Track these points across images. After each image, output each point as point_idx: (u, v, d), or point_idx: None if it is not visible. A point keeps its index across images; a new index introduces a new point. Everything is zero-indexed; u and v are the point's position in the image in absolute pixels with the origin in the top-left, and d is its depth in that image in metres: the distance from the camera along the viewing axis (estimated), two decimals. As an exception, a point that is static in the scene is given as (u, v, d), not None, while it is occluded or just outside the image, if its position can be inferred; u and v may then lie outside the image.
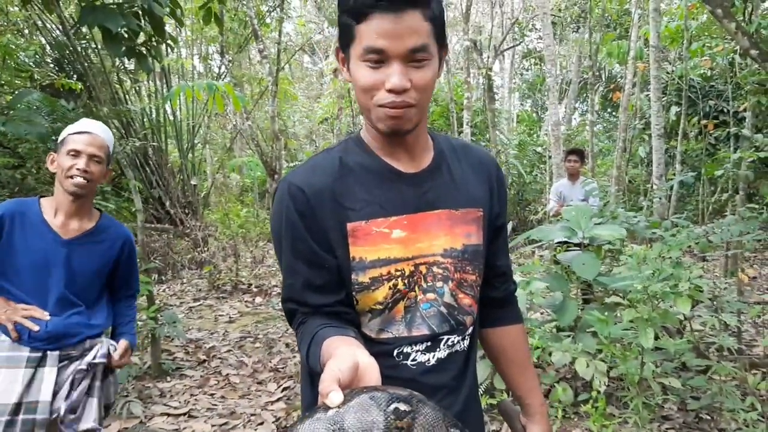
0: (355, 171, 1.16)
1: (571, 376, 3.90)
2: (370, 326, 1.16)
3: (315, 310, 1.12)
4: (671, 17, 11.80)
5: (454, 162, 1.25)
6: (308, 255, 1.12)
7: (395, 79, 1.03)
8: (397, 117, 1.07)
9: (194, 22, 11.47)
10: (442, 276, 1.18)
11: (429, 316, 1.17)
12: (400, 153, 1.18)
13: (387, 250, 1.13)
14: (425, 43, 1.05)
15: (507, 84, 21.59)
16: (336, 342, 0.93)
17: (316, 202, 1.11)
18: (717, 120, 9.75)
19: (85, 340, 2.18)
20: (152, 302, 4.64)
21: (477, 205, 1.24)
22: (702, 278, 2.93)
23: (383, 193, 1.15)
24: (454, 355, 1.22)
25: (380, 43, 1.03)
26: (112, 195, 9.97)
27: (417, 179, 1.18)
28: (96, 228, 2.22)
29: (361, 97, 1.10)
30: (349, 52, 1.10)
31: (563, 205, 5.58)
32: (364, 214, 1.13)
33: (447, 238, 1.18)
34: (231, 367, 4.87)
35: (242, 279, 8.11)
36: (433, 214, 1.17)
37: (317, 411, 0.69)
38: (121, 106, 9.86)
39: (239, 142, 16.58)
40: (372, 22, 1.03)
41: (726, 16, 4.22)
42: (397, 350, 1.16)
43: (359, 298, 1.14)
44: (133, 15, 4.34)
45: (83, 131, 2.13)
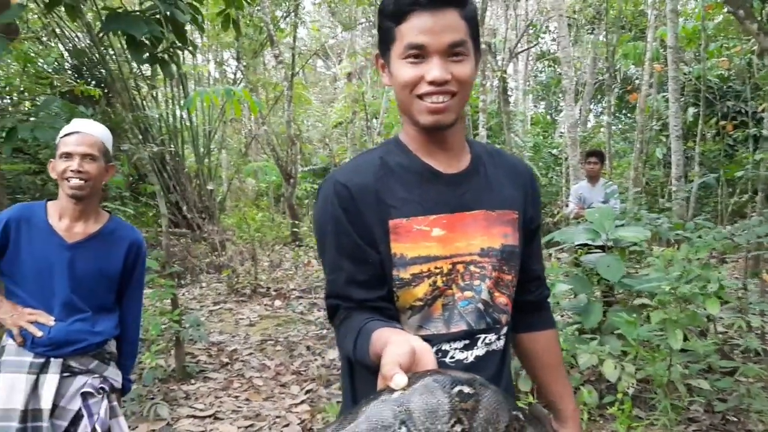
0: (396, 171, 1.19)
1: (596, 378, 3.89)
2: (409, 323, 1.18)
3: (358, 305, 1.14)
4: (688, 18, 11.74)
5: (490, 166, 1.28)
6: (352, 250, 1.15)
7: (436, 71, 1.09)
8: (438, 111, 1.12)
9: (210, 28, 11.57)
10: (479, 275, 1.20)
11: (467, 312, 1.19)
12: (438, 154, 1.21)
13: (427, 248, 1.16)
14: (463, 39, 1.11)
15: (521, 86, 21.55)
16: (387, 331, 0.95)
17: (360, 198, 1.15)
18: (735, 121, 9.69)
19: (87, 349, 2.12)
20: (176, 305, 4.69)
21: (512, 208, 1.26)
22: (728, 280, 2.92)
23: (423, 192, 1.18)
24: (491, 354, 1.23)
25: (420, 39, 1.08)
26: (131, 200, 10.08)
27: (455, 180, 1.21)
28: (101, 231, 2.17)
29: (401, 94, 1.15)
30: (389, 55, 1.15)
31: (583, 207, 5.56)
32: (405, 211, 1.16)
33: (484, 238, 1.21)
34: (254, 369, 4.90)
35: (261, 283, 8.15)
36: (471, 215, 1.20)
37: (382, 394, 0.70)
38: (139, 112, 9.96)
39: (254, 147, 16.67)
40: (412, 21, 1.09)
41: (748, 16, 4.21)
42: (436, 347, 1.17)
43: (400, 294, 1.16)
44: (155, 22, 4.40)
45: (73, 132, 2.09)
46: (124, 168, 10.60)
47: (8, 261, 2.09)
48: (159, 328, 4.44)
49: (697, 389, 3.30)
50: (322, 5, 18.14)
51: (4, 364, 2.09)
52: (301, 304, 7.17)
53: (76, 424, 2.11)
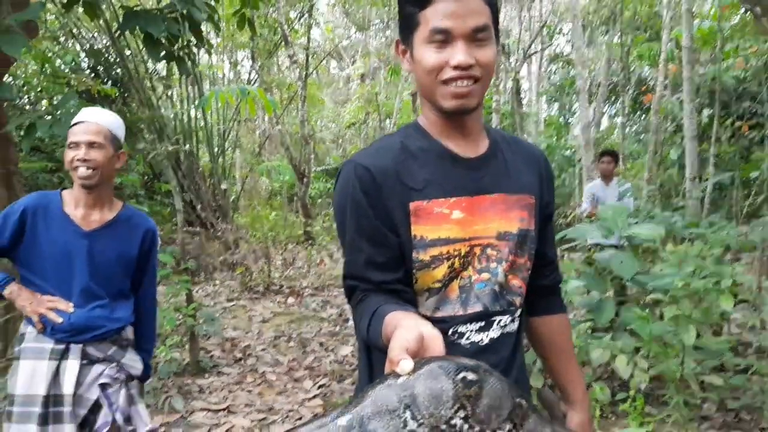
0: (417, 154, 1.20)
1: (608, 375, 3.89)
2: (426, 305, 1.20)
3: (375, 287, 1.16)
4: (703, 19, 11.66)
5: (508, 152, 1.30)
6: (371, 232, 1.16)
7: (461, 56, 1.09)
8: (462, 95, 1.13)
9: (225, 28, 11.65)
10: (496, 257, 1.21)
11: (483, 295, 1.21)
12: (458, 138, 1.23)
13: (447, 230, 1.17)
14: (487, 23, 1.12)
15: (534, 87, 21.49)
16: (399, 315, 0.96)
17: (381, 180, 1.16)
18: (751, 121, 9.62)
19: (106, 335, 2.15)
20: (191, 300, 4.73)
21: (530, 192, 1.28)
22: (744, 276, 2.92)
23: (443, 175, 1.19)
24: (506, 336, 1.25)
25: (446, 23, 1.09)
26: (146, 198, 10.18)
27: (475, 164, 1.23)
28: (117, 218, 2.19)
29: (425, 79, 1.15)
30: (412, 40, 1.16)
31: (597, 206, 5.56)
32: (426, 194, 1.17)
33: (502, 222, 1.22)
34: (267, 365, 4.94)
35: (274, 280, 8.20)
36: (489, 198, 1.22)
37: (388, 378, 0.71)
38: (154, 111, 10.04)
39: (268, 147, 16.74)
40: (437, 5, 1.10)
41: (765, 14, 4.19)
42: (452, 329, 1.20)
43: (419, 276, 1.18)
44: (173, 20, 4.45)
45: (79, 121, 2.12)
46: (139, 167, 10.73)
47: (25, 249, 2.12)
48: (174, 322, 4.49)
49: (710, 386, 3.30)
50: (336, 6, 18.22)
51: (25, 351, 2.12)
52: (314, 302, 7.21)
53: (96, 413, 2.15)
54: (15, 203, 2.18)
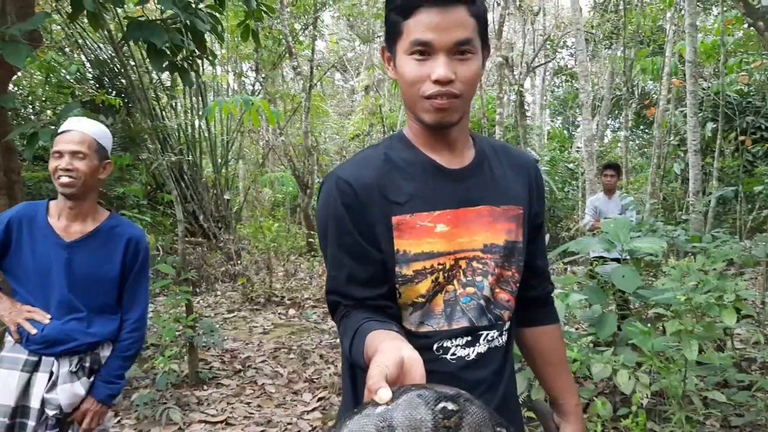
0: (400, 166, 1.18)
1: (610, 390, 3.85)
2: (411, 320, 1.18)
3: (358, 303, 1.14)
4: (707, 33, 11.68)
5: (495, 161, 1.28)
6: (353, 248, 1.14)
7: (441, 70, 1.07)
8: (442, 109, 1.11)
9: (229, 40, 11.71)
10: (482, 271, 1.19)
11: (469, 309, 1.19)
12: (443, 149, 1.21)
13: (430, 244, 1.15)
14: (470, 37, 1.09)
15: (538, 100, 21.54)
16: (380, 335, 0.94)
17: (363, 195, 1.14)
18: (755, 136, 9.60)
19: (78, 348, 2.10)
20: (191, 312, 4.71)
21: (517, 203, 1.26)
22: (747, 291, 2.89)
23: (427, 187, 1.17)
24: (493, 350, 1.23)
25: (427, 36, 1.07)
26: (149, 208, 10.19)
27: (460, 175, 1.21)
28: (99, 229, 2.15)
29: (407, 91, 1.14)
30: (395, 49, 1.14)
31: (599, 219, 5.54)
32: (409, 207, 1.15)
33: (488, 234, 1.20)
34: (266, 377, 4.91)
35: (275, 292, 8.17)
36: (475, 210, 1.20)
37: (366, 407, 0.70)
38: (158, 121, 10.08)
39: (271, 158, 16.77)
40: (420, 16, 1.08)
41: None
42: (437, 344, 1.18)
43: (402, 291, 1.16)
44: (176, 31, 4.46)
45: (63, 131, 2.09)
46: (142, 177, 10.74)
47: (11, 259, 2.11)
48: (173, 333, 4.47)
49: (714, 403, 3.26)
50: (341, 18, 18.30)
51: (2, 360, 2.12)
52: (315, 313, 7.18)
53: None
54: (3, 213, 2.17)
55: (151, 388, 4.33)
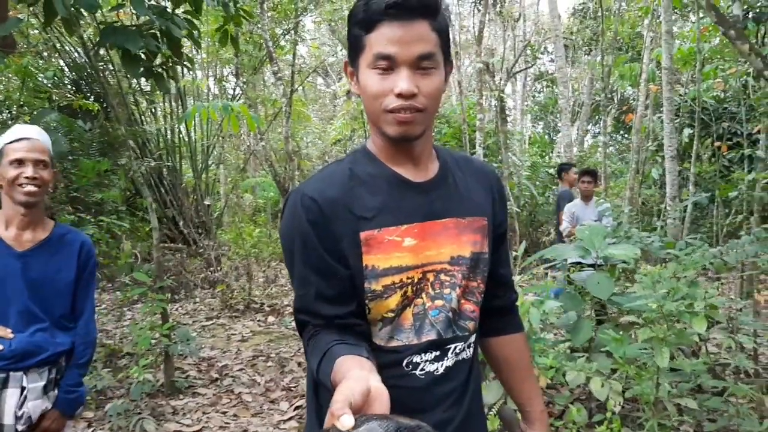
0: (366, 181, 1.18)
1: (586, 397, 3.86)
2: (380, 335, 1.17)
3: (327, 322, 1.13)
4: (683, 40, 11.83)
5: (458, 173, 1.28)
6: (320, 265, 1.13)
7: (403, 83, 1.07)
8: (406, 122, 1.10)
9: (210, 44, 11.64)
10: (449, 283, 1.20)
11: (437, 322, 1.19)
12: (407, 162, 1.21)
13: (399, 258, 1.15)
14: (432, 51, 1.10)
15: (519, 106, 21.66)
16: (349, 362, 0.94)
17: (328, 211, 1.13)
18: (730, 142, 9.72)
19: (48, 359, 2.08)
20: (166, 320, 4.67)
21: (482, 214, 1.27)
22: (718, 298, 2.91)
23: (394, 201, 1.17)
24: (460, 363, 1.24)
25: (389, 50, 1.07)
26: (127, 214, 10.08)
27: (425, 188, 1.21)
28: (51, 236, 2.13)
29: (370, 105, 1.13)
30: (358, 63, 1.14)
31: (576, 225, 5.57)
32: (376, 222, 1.14)
33: (454, 246, 1.20)
34: (243, 385, 4.87)
35: (255, 298, 8.12)
36: (441, 223, 1.20)
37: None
38: (137, 126, 9.99)
39: (252, 163, 16.70)
40: (382, 30, 1.08)
41: (739, 37, 4.23)
42: (407, 359, 1.18)
43: (372, 307, 1.15)
44: (151, 36, 4.43)
45: (21, 138, 2.05)
46: (121, 182, 10.63)
47: None
48: (148, 342, 4.42)
49: (687, 409, 3.28)
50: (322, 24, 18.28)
51: None
52: (294, 321, 7.14)
53: None
54: None
55: (125, 398, 4.28)
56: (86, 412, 4.06)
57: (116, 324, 6.47)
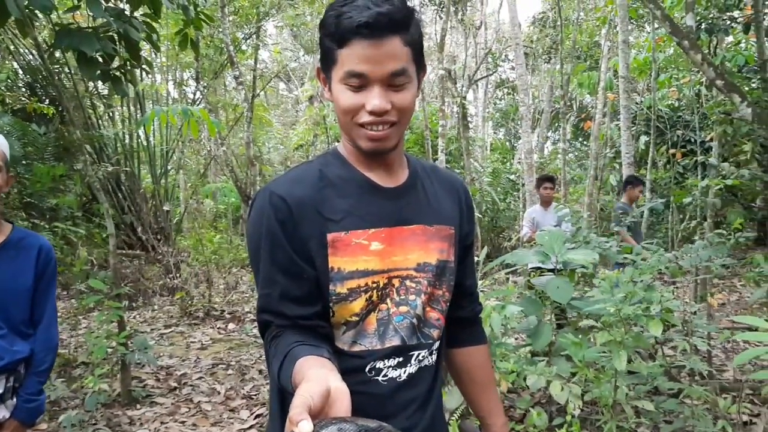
0: (336, 183, 1.17)
1: (546, 400, 3.90)
2: (343, 339, 1.16)
3: (291, 323, 1.11)
4: (639, 49, 12.12)
5: (427, 181, 1.28)
6: (287, 265, 1.12)
7: (376, 101, 1.07)
8: (378, 138, 1.11)
9: (170, 48, 11.48)
10: (415, 289, 1.19)
11: (401, 328, 1.18)
12: (378, 168, 1.21)
13: (365, 262, 1.14)
14: (404, 67, 1.09)
15: (481, 113, 21.89)
16: (310, 362, 0.92)
17: (297, 211, 1.11)
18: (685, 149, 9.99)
19: (6, 367, 2.02)
20: (123, 328, 4.56)
21: (449, 223, 1.27)
22: (672, 302, 2.97)
23: (363, 205, 1.16)
24: (423, 370, 1.23)
25: (361, 68, 1.06)
26: (83, 220, 9.84)
27: (395, 194, 1.20)
28: (8, 241, 2.06)
29: (342, 118, 1.13)
30: (330, 75, 1.13)
31: (536, 231, 5.64)
32: (344, 225, 1.14)
33: (421, 253, 1.20)
34: (203, 394, 4.78)
35: (215, 305, 8.01)
36: (409, 229, 1.20)
37: None
38: (94, 131, 9.78)
39: (213, 168, 16.50)
40: (353, 48, 1.06)
41: (692, 47, 4.35)
42: (370, 365, 1.16)
43: (336, 309, 1.14)
44: (108, 39, 4.34)
45: None
46: (77, 187, 10.39)
47: None
48: (104, 351, 4.31)
49: (644, 411, 3.33)
50: (285, 29, 18.21)
51: None
52: (255, 327, 7.04)
53: None
54: None
55: (79, 409, 4.17)
56: (39, 424, 3.94)
57: (71, 333, 6.30)
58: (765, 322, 1.85)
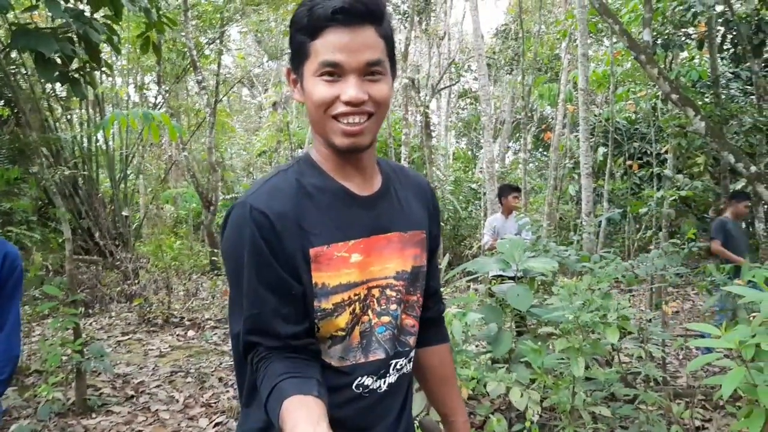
0: (312, 194, 1.13)
1: (506, 407, 3.95)
2: (330, 353, 1.14)
3: (282, 344, 1.07)
4: (598, 63, 12.40)
5: (398, 185, 1.27)
6: (275, 282, 1.07)
7: (352, 90, 1.04)
8: (354, 133, 1.07)
9: (131, 50, 11.31)
10: (395, 299, 1.18)
11: (384, 339, 1.17)
12: (353, 174, 1.17)
13: (347, 275, 1.12)
14: (380, 58, 1.07)
15: (443, 122, 22.07)
16: (296, 413, 0.92)
17: (279, 226, 1.07)
18: (641, 161, 10.24)
19: None
20: (78, 335, 4.46)
21: (420, 228, 1.26)
22: (628, 310, 3.05)
23: (341, 216, 1.13)
24: (401, 378, 1.23)
25: (337, 57, 1.04)
26: (38, 225, 9.61)
27: (370, 202, 1.18)
28: None
29: (315, 113, 1.09)
30: (302, 71, 1.10)
31: (497, 239, 5.71)
32: (324, 238, 1.10)
33: (399, 261, 1.19)
34: (161, 402, 4.70)
35: (174, 312, 7.88)
36: (386, 237, 1.18)
37: None
38: (51, 133, 9.57)
39: (174, 173, 16.28)
40: (328, 37, 1.04)
41: (649, 62, 4.48)
42: (357, 381, 1.15)
43: (321, 326, 1.11)
44: (67, 40, 4.25)
45: None
46: (32, 191, 10.14)
47: None
48: (59, 358, 4.21)
49: (601, 417, 3.40)
50: (249, 34, 18.10)
51: None
52: (215, 335, 6.97)
53: None
54: None
55: (32, 419, 4.06)
56: (-12, 435, 3.82)
57: (24, 340, 6.13)
58: (716, 329, 1.91)
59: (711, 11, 6.35)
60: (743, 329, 1.89)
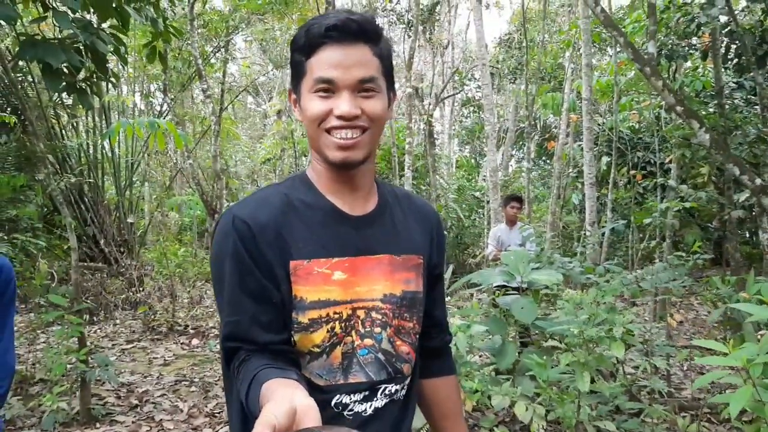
0: (300, 209, 1.15)
1: (510, 419, 3.94)
2: (308, 369, 1.14)
3: (260, 349, 1.08)
4: (602, 72, 12.42)
5: (397, 209, 1.26)
6: (256, 290, 1.09)
7: (345, 105, 1.07)
8: (347, 147, 1.09)
9: (137, 59, 11.36)
10: (380, 322, 1.17)
11: (367, 363, 1.16)
12: (346, 194, 1.18)
13: (327, 292, 1.12)
14: (374, 75, 1.10)
15: (447, 130, 22.10)
16: (275, 384, 0.89)
17: (261, 236, 1.09)
18: (644, 170, 10.23)
19: None
20: (83, 344, 4.47)
21: (417, 252, 1.25)
22: (633, 323, 3.05)
23: (326, 233, 1.14)
24: (392, 404, 1.21)
25: (330, 74, 1.07)
26: (44, 232, 9.64)
27: (361, 222, 1.18)
28: None
29: (310, 128, 1.12)
30: (300, 89, 1.13)
31: (501, 249, 5.72)
32: (306, 252, 1.11)
33: (387, 284, 1.18)
34: (165, 412, 4.70)
35: (178, 320, 7.88)
36: (375, 259, 1.17)
37: None
38: (57, 141, 9.61)
39: (179, 181, 16.32)
40: (322, 54, 1.08)
41: (653, 74, 4.49)
42: (336, 400, 1.14)
43: (297, 339, 1.12)
44: (75, 51, 4.28)
45: None
46: (38, 198, 10.17)
47: None
48: (63, 367, 4.22)
49: (606, 431, 3.40)
50: (254, 43, 18.18)
51: None
52: (219, 343, 6.97)
53: None
54: None
55: (36, 428, 4.07)
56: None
57: (29, 348, 6.14)
58: (722, 346, 1.91)
59: (715, 22, 6.35)
60: (751, 347, 1.89)
